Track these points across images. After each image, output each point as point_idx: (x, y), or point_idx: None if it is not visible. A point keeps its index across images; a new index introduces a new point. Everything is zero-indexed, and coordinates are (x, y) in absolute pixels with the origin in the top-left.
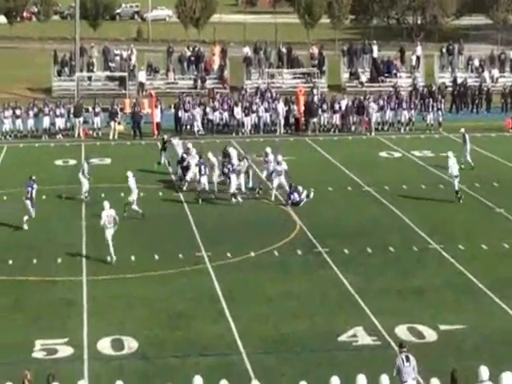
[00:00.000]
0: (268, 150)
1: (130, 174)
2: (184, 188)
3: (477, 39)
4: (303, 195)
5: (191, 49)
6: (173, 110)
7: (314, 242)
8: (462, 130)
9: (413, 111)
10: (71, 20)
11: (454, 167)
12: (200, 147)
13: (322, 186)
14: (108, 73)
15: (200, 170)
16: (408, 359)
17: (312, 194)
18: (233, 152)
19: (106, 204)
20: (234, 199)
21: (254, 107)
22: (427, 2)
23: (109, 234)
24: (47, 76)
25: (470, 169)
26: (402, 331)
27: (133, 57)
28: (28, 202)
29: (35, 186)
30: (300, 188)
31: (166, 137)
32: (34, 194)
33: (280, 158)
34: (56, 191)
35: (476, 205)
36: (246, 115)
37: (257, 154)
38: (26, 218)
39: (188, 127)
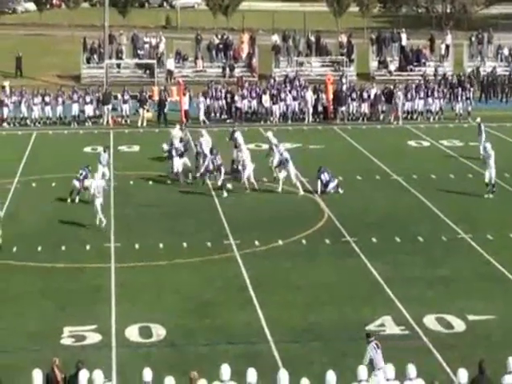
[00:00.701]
0: (269, 133)
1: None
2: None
3: (507, 28)
4: (333, 179)
5: (220, 36)
6: (201, 98)
7: (342, 231)
8: (478, 119)
9: (442, 100)
10: (100, 7)
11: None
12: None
13: (350, 174)
14: (137, 60)
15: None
16: (378, 346)
17: (341, 191)
18: (240, 137)
19: (96, 174)
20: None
21: (283, 95)
22: None
23: (98, 202)
24: (76, 63)
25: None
26: (430, 321)
27: (161, 44)
28: (76, 182)
29: (89, 175)
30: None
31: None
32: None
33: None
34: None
35: (505, 195)
36: (275, 103)
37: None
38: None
39: (217, 115)
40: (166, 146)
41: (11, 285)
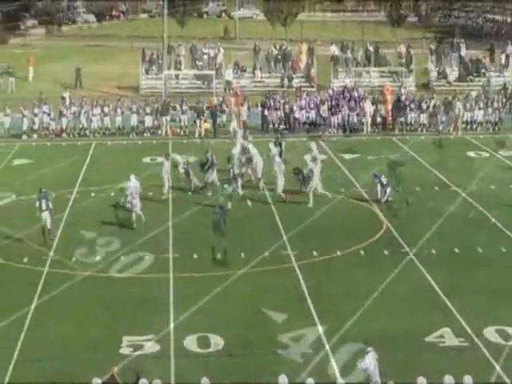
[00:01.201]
0: (312, 144)
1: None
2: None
3: None
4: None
5: (278, 47)
6: (259, 109)
7: (400, 242)
8: None
9: (501, 111)
10: (159, 18)
11: None
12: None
13: (408, 185)
14: (195, 71)
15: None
16: (375, 356)
17: (391, 198)
18: (273, 149)
19: (132, 177)
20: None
21: (341, 106)
22: None
23: (137, 203)
24: (135, 74)
25: None
26: (490, 333)
27: (220, 55)
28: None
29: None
30: None
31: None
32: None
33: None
34: (144, 189)
35: None
36: (333, 114)
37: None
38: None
39: (275, 126)
40: (182, 163)
41: (72, 294)
